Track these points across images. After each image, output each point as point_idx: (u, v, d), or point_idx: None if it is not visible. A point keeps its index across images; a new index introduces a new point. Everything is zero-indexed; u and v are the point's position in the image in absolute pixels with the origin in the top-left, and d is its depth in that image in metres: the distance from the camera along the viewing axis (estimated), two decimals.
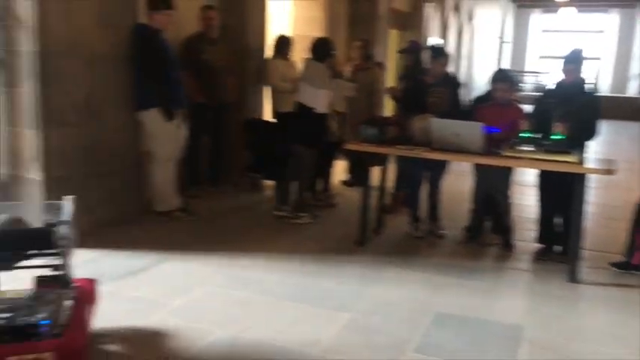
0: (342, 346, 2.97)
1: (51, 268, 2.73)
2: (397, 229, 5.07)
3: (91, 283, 3.03)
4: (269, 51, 6.66)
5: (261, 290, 3.62)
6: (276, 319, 3.25)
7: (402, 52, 6.76)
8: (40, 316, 2.47)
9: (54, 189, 4.23)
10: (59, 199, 4.25)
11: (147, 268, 3.92)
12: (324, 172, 6.01)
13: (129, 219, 4.86)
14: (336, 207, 5.84)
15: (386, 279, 3.92)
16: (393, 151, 4.48)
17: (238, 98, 6.28)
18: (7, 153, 4.27)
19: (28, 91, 4.13)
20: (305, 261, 4.19)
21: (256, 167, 6.43)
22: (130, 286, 3.59)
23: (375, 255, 4.41)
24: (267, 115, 6.86)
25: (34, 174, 4.20)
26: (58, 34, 4.17)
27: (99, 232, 4.47)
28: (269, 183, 6.65)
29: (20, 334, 2.41)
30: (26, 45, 4.06)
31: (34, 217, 2.99)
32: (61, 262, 2.72)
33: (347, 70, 6.81)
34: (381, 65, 7.37)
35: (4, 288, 2.80)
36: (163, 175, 4.99)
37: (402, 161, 5.41)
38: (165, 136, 4.90)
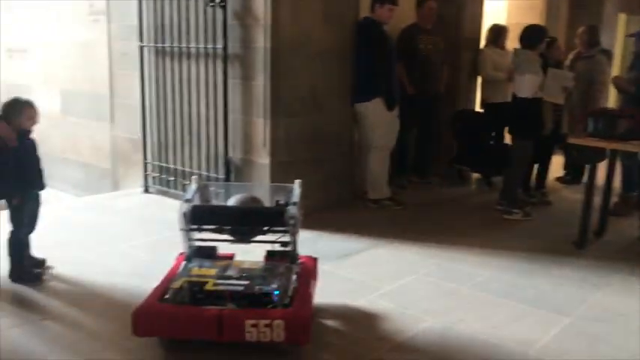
0: (561, 351, 2.81)
1: (280, 244, 2.99)
2: (622, 233, 4.63)
3: (313, 260, 3.24)
4: (483, 40, 6.50)
5: (472, 284, 3.57)
6: (490, 314, 3.18)
7: (630, 36, 6.10)
8: (273, 286, 2.72)
9: (278, 172, 4.63)
10: (283, 181, 4.68)
11: (359, 251, 4.10)
12: (540, 167, 5.69)
13: (340, 204, 5.11)
14: (550, 205, 5.50)
15: (611, 286, 3.61)
16: (627, 147, 4.07)
17: (450, 89, 6.22)
18: (241, 139, 4.76)
19: (260, 84, 4.56)
20: (518, 259, 4.02)
21: (464, 159, 6.35)
22: (343, 268, 3.78)
23: (596, 259, 4.07)
24: (477, 106, 6.71)
25: (263, 158, 4.63)
26: (288, 31, 4.52)
27: (314, 215, 4.76)
28: (476, 175, 6.53)
29: (256, 300, 2.67)
30: (261, 42, 4.47)
31: (266, 197, 3.31)
32: (290, 240, 2.96)
33: (568, 58, 6.36)
34: (607, 53, 6.73)
35: (239, 258, 3.16)
36: (380, 163, 5.16)
37: (628, 159, 4.92)
38: (385, 126, 5.08)
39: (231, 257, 3.16)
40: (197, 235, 3.01)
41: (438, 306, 3.26)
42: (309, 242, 4.14)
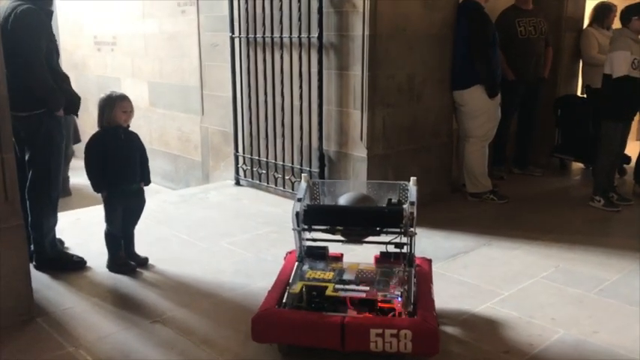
0: None
1: (394, 245, 2.79)
2: None
3: (428, 262, 3.07)
4: (588, 20, 6.04)
5: (600, 290, 3.27)
6: (625, 325, 2.88)
7: None
8: (396, 292, 2.55)
9: (375, 166, 4.44)
10: (380, 175, 4.49)
11: (468, 251, 3.86)
12: None
13: (440, 198, 4.87)
14: None
15: None
16: None
17: (551, 73, 5.82)
18: (336, 132, 4.59)
19: (357, 73, 4.36)
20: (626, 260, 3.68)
21: (567, 148, 5.95)
22: (453, 269, 3.56)
23: None
24: (580, 91, 6.27)
25: (359, 151, 4.45)
26: (387, 18, 4.29)
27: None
28: (579, 165, 6.12)
29: (379, 307, 2.52)
30: (359, 29, 4.27)
31: (376, 195, 3.11)
32: (407, 241, 2.76)
33: None
34: None
35: (347, 259, 3.01)
36: (479, 155, 4.89)
37: None
38: (486, 115, 4.81)
39: (340, 258, 3.04)
40: (308, 234, 2.88)
41: (566, 314, 2.99)
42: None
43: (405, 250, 2.79)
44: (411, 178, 2.93)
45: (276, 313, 2.51)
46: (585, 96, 5.97)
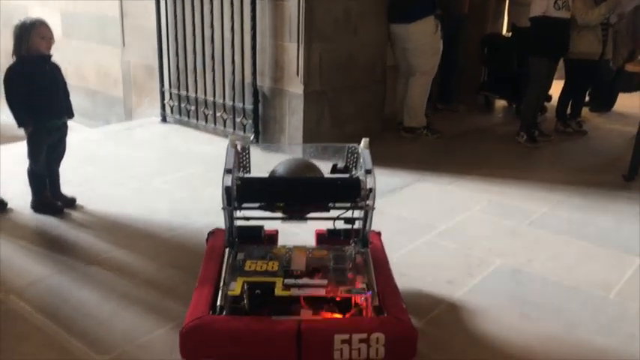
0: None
1: (344, 221, 2.31)
2: None
3: (378, 237, 2.59)
4: None
5: (530, 221, 3.42)
6: (557, 254, 3.04)
7: None
8: (361, 286, 2.06)
9: (311, 103, 4.36)
10: (315, 113, 4.41)
11: (404, 186, 3.90)
12: (576, 95, 5.45)
13: (373, 135, 4.85)
14: (586, 134, 5.32)
15: None
16: None
17: (481, 11, 5.87)
18: (270, 66, 4.43)
19: (293, 4, 4.19)
20: (570, 193, 3.87)
21: (492, 86, 6.09)
22: (391, 205, 3.59)
23: None
24: (506, 29, 6.39)
25: (295, 87, 4.33)
26: None
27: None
28: (503, 103, 6.30)
29: (340, 305, 2.06)
30: None
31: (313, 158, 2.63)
32: (362, 217, 2.27)
33: None
34: None
35: (281, 242, 2.49)
36: (423, 91, 4.91)
37: None
38: (431, 49, 4.80)
39: (275, 237, 2.54)
40: (239, 213, 2.29)
41: (502, 245, 3.11)
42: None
43: (358, 226, 2.30)
44: (363, 139, 2.37)
45: (212, 322, 1.90)
46: (511, 34, 6.10)
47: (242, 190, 2.20)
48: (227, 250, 2.25)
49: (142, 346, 2.17)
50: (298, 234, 2.50)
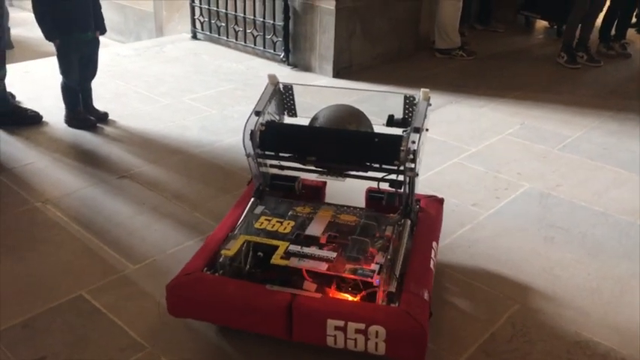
0: None
1: (390, 184, 2.05)
2: None
3: (438, 205, 2.25)
4: None
5: (563, 146, 3.35)
6: (587, 179, 2.99)
7: None
8: (373, 266, 1.77)
9: (342, 19, 4.25)
10: (347, 29, 4.30)
11: (435, 108, 3.75)
12: (622, 16, 5.18)
13: (406, 54, 4.78)
14: (630, 58, 5.09)
15: None
16: None
17: None
18: None
19: None
20: (605, 118, 3.76)
21: (533, 5, 5.82)
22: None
23: None
24: None
25: (326, 2, 4.20)
26: None
27: (381, 67, 4.50)
28: (544, 24, 6.04)
29: (358, 284, 1.77)
30: None
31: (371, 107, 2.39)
32: (405, 183, 1.97)
33: None
34: None
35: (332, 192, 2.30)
36: (454, 10, 4.74)
37: None
38: None
39: (322, 189, 2.32)
40: (269, 162, 2.15)
41: (532, 169, 3.07)
42: (379, 98, 3.89)
43: (403, 191, 2.00)
44: (422, 90, 2.04)
45: (198, 280, 1.76)
46: None
47: (266, 137, 2.00)
48: (252, 201, 2.09)
49: (171, 255, 2.25)
50: (352, 191, 2.26)
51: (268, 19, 4.54)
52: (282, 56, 4.53)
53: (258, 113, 2.02)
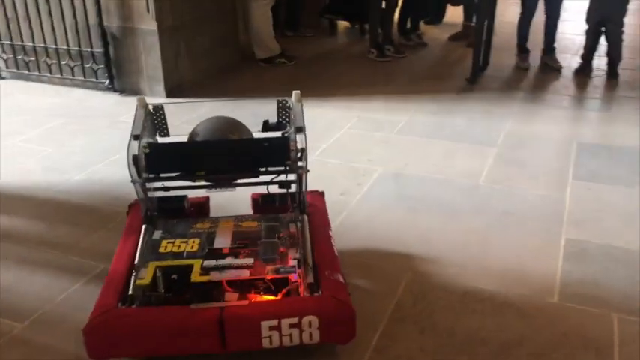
0: (503, 176, 3.08)
1: (279, 186, 2.14)
2: (501, 65, 4.97)
3: (321, 198, 2.37)
4: None
5: (398, 130, 3.71)
6: (428, 155, 3.36)
7: None
8: (292, 262, 1.87)
9: (165, 40, 4.21)
10: (171, 50, 4.27)
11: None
12: (414, 11, 5.81)
13: (230, 69, 4.87)
14: (427, 46, 5.74)
15: (514, 114, 3.96)
16: None
17: None
18: (116, 3, 4.16)
19: None
20: (424, 101, 4.22)
21: (335, 8, 6.25)
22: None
23: (492, 91, 4.42)
24: None
25: (148, 24, 4.14)
26: None
27: (205, 83, 4.53)
28: (345, 24, 6.52)
29: (276, 283, 1.83)
30: None
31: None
32: (297, 181, 2.09)
33: None
34: None
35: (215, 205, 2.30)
36: (265, 18, 4.90)
37: None
38: None
39: (205, 203, 2.32)
40: (155, 184, 2.11)
41: (379, 155, 3.36)
42: (233, 108, 3.89)
43: (293, 189, 2.12)
44: (293, 92, 2.19)
45: (119, 316, 1.70)
46: None
47: (152, 160, 1.95)
48: (144, 227, 2.04)
49: (61, 303, 2.10)
50: (234, 200, 2.27)
51: (85, 47, 4.33)
52: (106, 83, 4.35)
53: (137, 137, 1.98)
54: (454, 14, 6.20)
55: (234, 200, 2.33)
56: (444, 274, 2.28)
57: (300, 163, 2.02)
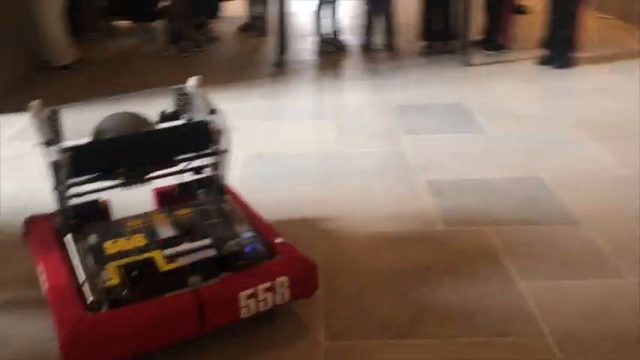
0: (348, 142, 3.46)
1: (193, 172, 2.19)
2: (294, 51, 5.40)
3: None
4: None
5: (240, 116, 3.80)
6: (278, 135, 3.60)
7: None
8: (245, 235, 1.95)
9: None
10: None
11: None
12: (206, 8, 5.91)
13: (27, 81, 4.47)
14: (219, 39, 5.91)
15: (331, 89, 4.41)
16: None
17: None
18: None
19: None
20: (245, 88, 4.42)
21: (117, 9, 6.04)
22: None
23: (300, 73, 4.81)
24: None
25: None
26: None
27: (18, 94, 4.13)
28: (127, 24, 6.32)
29: (230, 261, 1.88)
30: None
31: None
32: (215, 164, 2.15)
33: None
34: None
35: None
36: (52, 16, 4.61)
37: None
38: None
39: (105, 208, 2.22)
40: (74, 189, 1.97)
41: (239, 140, 3.40)
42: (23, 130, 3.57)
43: (211, 173, 2.18)
44: (190, 78, 2.26)
45: (96, 322, 1.66)
46: None
47: (79, 162, 1.86)
48: (69, 236, 1.95)
49: None
50: (130, 199, 2.22)
51: None
52: None
53: (50, 142, 1.87)
54: (235, 6, 6.43)
55: (136, 200, 2.29)
56: (348, 228, 2.55)
57: (222, 144, 2.08)
